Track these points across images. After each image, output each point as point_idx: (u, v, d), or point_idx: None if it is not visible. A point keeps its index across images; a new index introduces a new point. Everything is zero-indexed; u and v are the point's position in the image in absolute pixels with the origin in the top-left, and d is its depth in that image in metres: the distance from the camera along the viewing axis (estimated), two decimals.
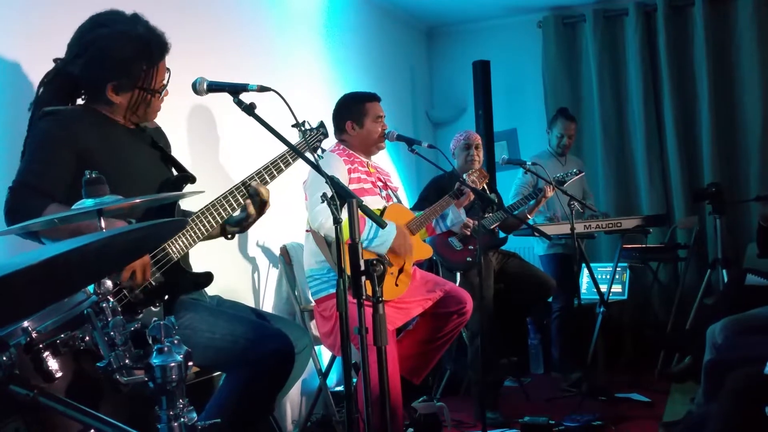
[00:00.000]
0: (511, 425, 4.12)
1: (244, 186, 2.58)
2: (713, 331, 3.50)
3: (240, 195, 2.57)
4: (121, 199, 1.78)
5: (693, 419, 3.03)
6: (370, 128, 3.79)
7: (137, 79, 2.48)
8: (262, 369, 2.39)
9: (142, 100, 2.53)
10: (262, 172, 2.67)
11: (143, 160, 2.58)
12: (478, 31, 6.83)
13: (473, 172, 4.13)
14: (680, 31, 6.06)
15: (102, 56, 2.42)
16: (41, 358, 1.55)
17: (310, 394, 4.44)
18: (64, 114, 2.42)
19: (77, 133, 2.38)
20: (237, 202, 2.56)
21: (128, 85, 2.48)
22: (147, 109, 2.57)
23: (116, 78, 2.45)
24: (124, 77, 2.46)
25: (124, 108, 2.52)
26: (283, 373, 2.47)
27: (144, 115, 2.59)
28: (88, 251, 1.37)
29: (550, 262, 5.32)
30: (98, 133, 2.44)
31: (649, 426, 4.06)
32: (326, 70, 5.13)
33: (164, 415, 1.61)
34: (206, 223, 2.47)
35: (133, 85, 2.49)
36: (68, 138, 2.36)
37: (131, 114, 2.55)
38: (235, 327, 2.45)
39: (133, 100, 2.51)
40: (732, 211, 5.52)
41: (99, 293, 1.63)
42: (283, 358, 2.45)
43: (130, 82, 2.48)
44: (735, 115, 5.93)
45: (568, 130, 5.36)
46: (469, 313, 3.74)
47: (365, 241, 3.45)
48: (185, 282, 2.43)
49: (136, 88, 2.50)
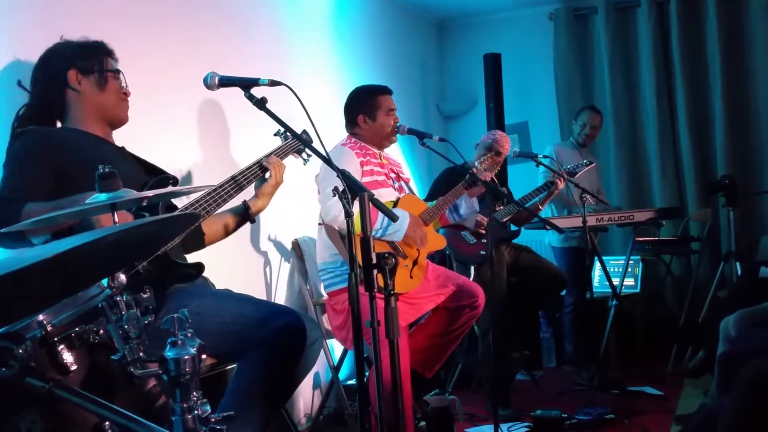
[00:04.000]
0: (522, 419, 4.12)
1: (234, 180, 2.66)
2: (727, 324, 3.48)
3: (225, 193, 2.61)
4: (134, 193, 1.78)
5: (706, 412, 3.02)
6: (382, 121, 3.78)
7: (93, 60, 2.57)
8: (276, 346, 2.39)
9: (103, 83, 2.58)
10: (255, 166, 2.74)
11: (125, 173, 2.59)
12: (489, 23, 6.81)
13: (484, 161, 4.10)
14: (693, 22, 6.02)
15: (58, 51, 2.58)
16: (56, 351, 1.55)
17: (322, 388, 4.46)
18: (41, 131, 2.48)
19: (55, 147, 2.42)
20: (222, 199, 2.60)
21: (87, 67, 2.56)
22: (112, 95, 2.61)
23: (75, 63, 2.55)
24: (82, 59, 2.56)
25: (90, 98, 2.56)
26: (297, 347, 2.47)
27: (111, 102, 2.61)
28: (102, 245, 1.38)
29: (564, 254, 5.30)
30: (78, 148, 2.47)
31: (662, 419, 4.04)
32: (337, 63, 5.13)
33: (178, 408, 1.62)
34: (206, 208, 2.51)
35: (91, 67, 2.57)
36: (46, 152, 2.40)
37: (100, 105, 2.59)
38: (243, 308, 2.47)
39: (95, 83, 2.57)
40: (745, 203, 5.49)
41: (113, 287, 1.64)
42: (294, 331, 2.45)
43: (88, 64, 2.56)
44: (748, 107, 5.89)
45: (593, 120, 5.32)
46: (481, 306, 3.74)
47: (380, 230, 3.45)
48: (175, 273, 2.45)
49: (96, 71, 2.57)
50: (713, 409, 2.88)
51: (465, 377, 4.97)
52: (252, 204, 2.82)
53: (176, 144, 2.79)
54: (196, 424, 1.62)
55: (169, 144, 3.39)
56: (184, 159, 3.59)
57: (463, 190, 4.00)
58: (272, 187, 2.82)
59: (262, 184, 2.81)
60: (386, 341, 2.20)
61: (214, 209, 2.57)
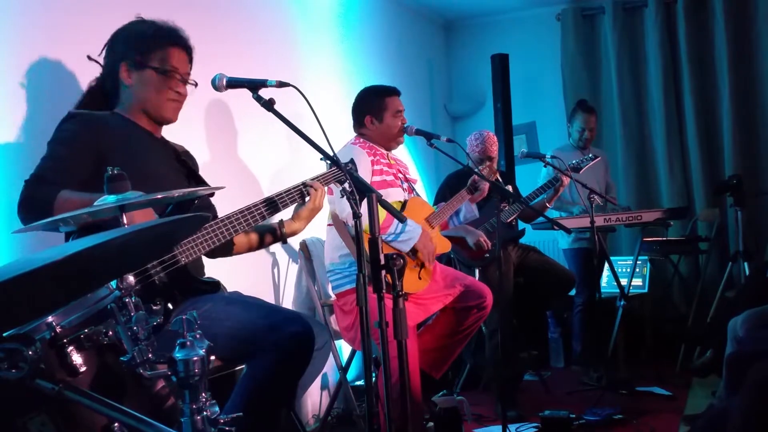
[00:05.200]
0: (531, 419, 4.11)
1: (269, 203, 2.60)
2: (735, 324, 3.48)
3: (258, 214, 2.57)
4: (143, 195, 1.79)
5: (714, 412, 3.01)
6: (389, 123, 3.78)
7: (147, 56, 2.54)
8: (284, 352, 2.39)
9: (152, 83, 2.56)
10: (294, 191, 2.70)
11: (162, 166, 2.60)
12: (496, 24, 6.81)
13: (483, 168, 4.12)
14: (700, 22, 6.00)
15: (119, 37, 2.57)
16: (66, 352, 1.56)
17: (331, 389, 4.46)
18: (89, 116, 2.48)
19: (99, 134, 2.43)
20: (254, 219, 2.56)
21: (139, 62, 2.54)
22: (160, 99, 2.58)
23: (129, 56, 2.54)
24: (135, 52, 2.54)
25: (139, 94, 2.56)
26: (305, 355, 2.47)
27: (156, 102, 2.59)
28: (111, 247, 1.39)
29: (574, 256, 5.30)
30: (120, 135, 2.49)
31: (671, 419, 4.04)
32: (344, 63, 5.14)
33: (187, 409, 1.62)
34: (218, 235, 2.48)
35: (143, 62, 2.54)
36: (89, 138, 2.41)
37: (146, 103, 2.58)
38: (252, 314, 2.47)
39: (144, 82, 2.55)
40: (753, 203, 5.47)
41: (122, 288, 1.65)
42: (304, 339, 2.45)
43: (141, 58, 2.54)
44: (756, 107, 5.87)
45: (588, 123, 5.32)
46: (489, 307, 3.74)
47: (391, 236, 3.46)
48: (190, 287, 2.45)
49: (147, 67, 2.54)
50: (721, 409, 2.87)
51: (473, 378, 4.97)
52: (287, 225, 2.77)
53: (184, 144, 2.79)
54: (205, 425, 1.63)
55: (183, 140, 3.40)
56: None
57: (467, 195, 4.01)
58: (309, 211, 2.75)
59: (300, 207, 2.76)
60: (395, 342, 2.21)
61: (244, 229, 2.54)
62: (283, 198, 2.65)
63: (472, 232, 4.40)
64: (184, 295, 2.42)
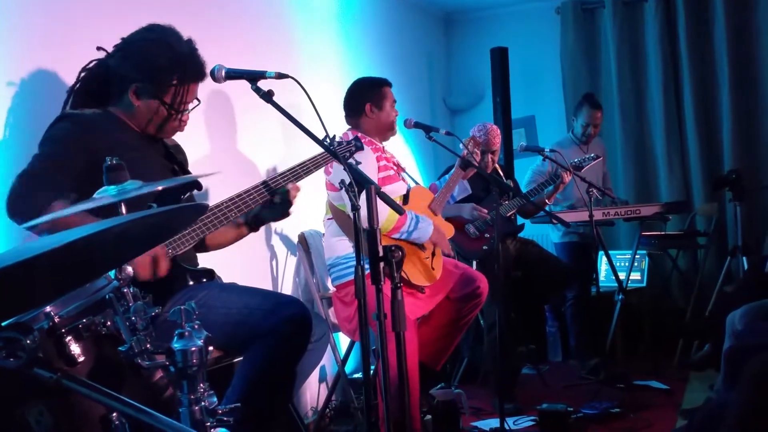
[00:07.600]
0: (528, 412, 4.12)
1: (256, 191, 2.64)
2: (733, 319, 3.48)
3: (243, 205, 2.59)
4: (143, 184, 1.79)
5: (712, 406, 3.02)
6: (389, 111, 3.81)
7: (161, 89, 2.54)
8: (281, 336, 2.40)
9: (158, 113, 2.58)
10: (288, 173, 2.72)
11: (152, 165, 2.60)
12: (495, 17, 6.79)
13: (467, 142, 4.07)
14: (700, 16, 5.98)
15: (138, 56, 2.52)
16: (64, 342, 1.56)
17: (329, 381, 4.46)
18: (82, 117, 2.49)
19: (91, 136, 2.44)
20: (239, 210, 2.57)
21: (151, 92, 2.54)
22: (162, 125, 2.61)
23: (142, 81, 2.53)
24: (150, 83, 2.53)
25: (141, 115, 2.57)
26: (302, 338, 2.48)
27: (158, 130, 2.63)
28: (109, 236, 1.38)
29: (564, 250, 5.31)
30: (111, 136, 2.49)
31: (668, 413, 4.04)
32: (343, 56, 5.12)
33: (185, 399, 1.62)
34: (207, 225, 2.48)
35: (155, 94, 2.54)
36: (82, 139, 2.42)
37: (146, 124, 2.60)
38: (248, 299, 2.47)
39: (151, 110, 2.57)
40: (752, 197, 5.46)
41: (120, 278, 1.64)
42: (300, 321, 2.45)
43: (153, 89, 2.54)
44: (755, 102, 5.85)
45: (594, 119, 5.30)
46: (484, 293, 3.76)
47: (405, 233, 3.49)
48: (182, 279, 2.46)
49: (157, 98, 2.55)
50: (719, 403, 2.87)
51: (471, 371, 4.97)
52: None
53: (183, 135, 2.79)
54: (203, 415, 1.63)
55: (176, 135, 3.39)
56: (191, 151, 3.58)
57: (461, 172, 4.01)
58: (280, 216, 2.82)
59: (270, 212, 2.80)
60: (393, 334, 2.21)
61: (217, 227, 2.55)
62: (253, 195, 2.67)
63: (465, 207, 4.43)
64: (174, 285, 2.43)
